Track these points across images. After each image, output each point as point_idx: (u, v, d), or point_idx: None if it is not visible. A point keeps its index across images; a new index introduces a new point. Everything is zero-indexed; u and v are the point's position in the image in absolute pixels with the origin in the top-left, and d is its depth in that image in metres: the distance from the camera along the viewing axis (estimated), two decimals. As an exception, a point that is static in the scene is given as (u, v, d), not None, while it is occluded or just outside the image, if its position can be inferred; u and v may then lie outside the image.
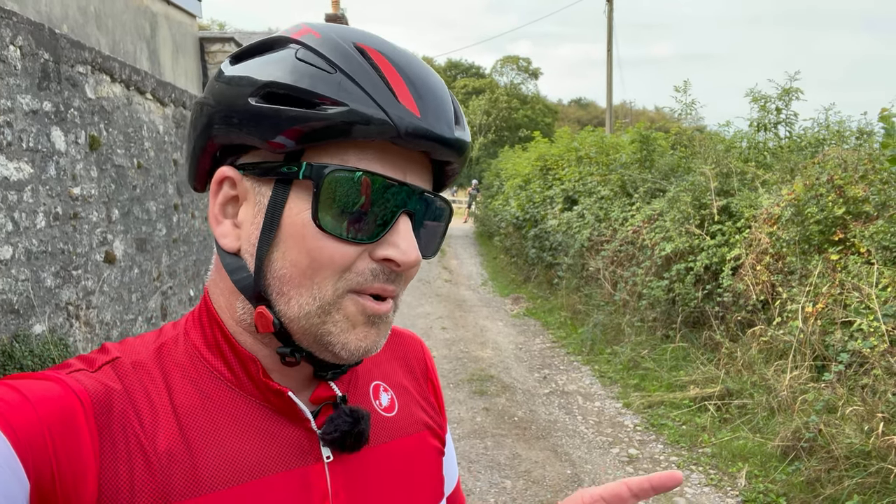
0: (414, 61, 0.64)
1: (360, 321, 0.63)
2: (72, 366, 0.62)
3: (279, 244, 0.62)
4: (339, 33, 0.63)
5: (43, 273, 3.98)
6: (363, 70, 0.60)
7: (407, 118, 0.59)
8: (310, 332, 0.63)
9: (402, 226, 0.63)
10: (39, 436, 0.53)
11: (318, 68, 0.60)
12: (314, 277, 0.61)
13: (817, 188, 5.09)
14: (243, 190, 0.65)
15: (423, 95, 0.62)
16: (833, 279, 4.65)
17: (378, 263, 0.63)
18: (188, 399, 0.64)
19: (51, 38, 4.16)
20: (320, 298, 0.62)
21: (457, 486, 0.94)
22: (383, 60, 0.62)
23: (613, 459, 4.52)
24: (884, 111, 3.40)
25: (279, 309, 0.63)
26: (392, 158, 0.62)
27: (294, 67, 0.61)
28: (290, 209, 0.62)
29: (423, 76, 0.63)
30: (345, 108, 0.59)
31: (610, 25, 19.52)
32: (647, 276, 6.83)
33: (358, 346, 0.64)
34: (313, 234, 0.61)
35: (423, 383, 0.87)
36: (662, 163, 8.61)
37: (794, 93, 7.33)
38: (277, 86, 0.60)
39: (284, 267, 0.62)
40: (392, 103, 0.59)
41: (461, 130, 0.65)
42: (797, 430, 4.12)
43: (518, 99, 45.22)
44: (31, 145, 3.92)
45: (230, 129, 0.63)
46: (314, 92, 0.59)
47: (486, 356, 7.00)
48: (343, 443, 0.67)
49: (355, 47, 0.62)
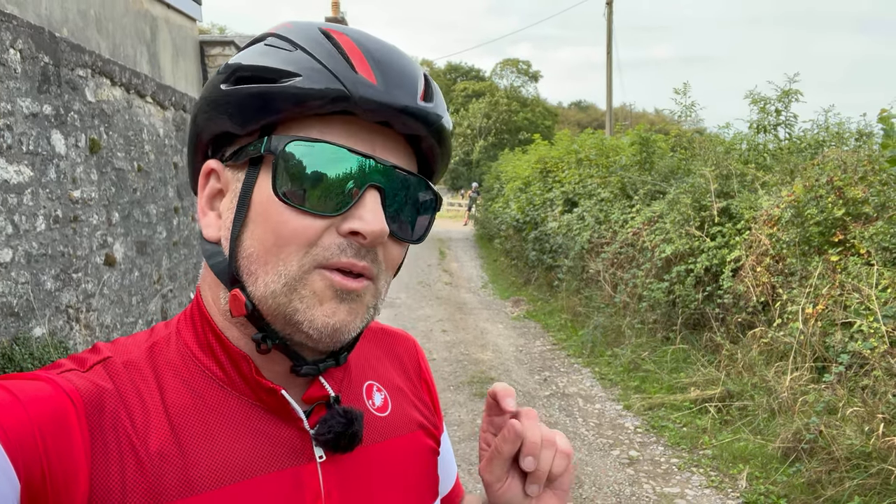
0: (381, 42, 0.65)
1: (327, 296, 0.62)
2: (63, 366, 0.62)
3: (248, 224, 0.63)
4: (310, 23, 0.65)
5: (43, 276, 3.98)
6: (322, 47, 0.62)
7: (362, 86, 0.60)
8: (279, 311, 0.62)
9: (368, 199, 0.62)
10: (30, 436, 0.52)
11: (281, 48, 0.63)
12: (279, 254, 0.61)
13: (817, 189, 5.10)
14: (225, 181, 0.66)
15: (384, 67, 0.62)
16: (833, 280, 4.64)
17: (345, 238, 0.61)
18: (180, 398, 0.64)
19: (51, 41, 4.17)
20: (286, 275, 0.61)
21: (455, 484, 0.94)
22: (346, 39, 0.63)
23: (614, 461, 4.52)
24: (883, 112, 3.40)
25: (250, 290, 0.63)
26: (358, 132, 0.62)
27: (260, 51, 0.63)
28: (258, 188, 0.62)
29: (387, 52, 0.64)
30: (300, 79, 0.60)
31: (609, 28, 19.55)
32: (648, 278, 6.83)
33: (325, 323, 0.62)
34: (277, 208, 0.61)
35: (416, 382, 0.87)
36: (662, 165, 8.61)
37: (793, 94, 7.34)
38: (244, 68, 0.63)
39: (252, 246, 0.62)
40: (348, 73, 0.60)
41: (430, 105, 0.64)
42: (798, 431, 4.11)
43: (518, 102, 45.25)
44: (32, 148, 3.92)
45: (209, 118, 0.65)
46: (273, 67, 0.61)
47: (487, 358, 7.00)
48: (337, 444, 0.67)
49: (321, 31, 0.64)
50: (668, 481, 4.23)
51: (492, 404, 0.74)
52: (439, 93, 0.67)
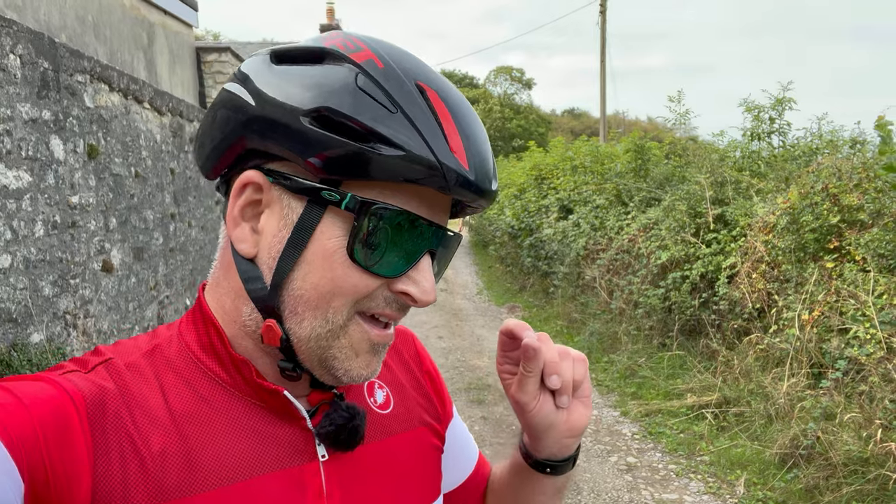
0: (465, 107, 0.65)
1: (363, 349, 0.65)
2: (65, 367, 0.62)
3: (302, 264, 0.62)
4: (402, 66, 0.62)
5: (41, 282, 3.97)
6: (422, 113, 0.60)
7: (456, 170, 0.60)
8: (316, 353, 0.64)
9: (424, 263, 0.64)
10: (33, 437, 0.53)
11: (380, 104, 0.59)
12: (332, 302, 0.62)
13: (812, 196, 5.13)
14: (269, 198, 0.63)
15: (472, 147, 0.62)
16: (829, 287, 4.68)
17: (394, 294, 0.64)
18: (182, 399, 0.64)
19: (50, 46, 4.16)
20: (333, 322, 0.63)
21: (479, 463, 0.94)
22: (440, 104, 0.62)
23: (612, 468, 4.52)
24: (880, 119, 3.43)
25: (289, 327, 0.63)
26: (427, 198, 0.63)
27: (355, 96, 0.59)
28: (321, 232, 0.61)
29: (473, 126, 0.64)
30: (401, 153, 0.58)
31: (603, 36, 19.67)
32: (644, 285, 6.85)
33: (360, 374, 0.65)
34: (342, 262, 0.61)
35: (419, 376, 0.87)
36: (657, 172, 8.66)
37: (786, 102, 7.40)
38: (334, 112, 0.58)
39: (304, 288, 0.62)
40: (445, 153, 0.60)
41: (496, 182, 0.66)
42: (795, 437, 4.13)
43: (512, 109, 45.42)
44: (31, 154, 3.91)
45: (269, 138, 0.61)
46: (373, 129, 0.58)
47: (483, 365, 7.00)
48: (337, 437, 0.67)
49: (416, 86, 0.61)
50: (666, 488, 4.24)
51: (505, 342, 0.76)
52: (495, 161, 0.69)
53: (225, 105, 0.65)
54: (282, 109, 0.60)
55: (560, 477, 0.80)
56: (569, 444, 0.77)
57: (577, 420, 0.75)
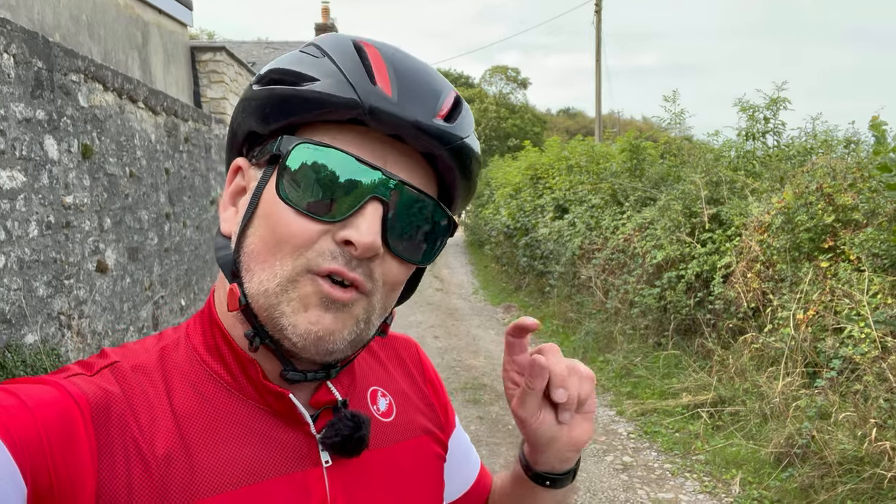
0: (411, 59, 0.66)
1: (312, 302, 0.61)
2: (70, 370, 0.62)
3: (254, 221, 0.64)
4: (349, 35, 0.66)
5: (35, 282, 3.95)
6: (348, 56, 0.63)
7: (375, 97, 0.60)
8: (268, 312, 0.62)
9: (368, 210, 0.61)
10: (37, 440, 0.52)
11: (310, 55, 0.65)
12: (277, 253, 0.61)
13: (807, 196, 5.15)
14: (248, 179, 0.68)
15: (404, 81, 0.62)
16: (824, 286, 4.69)
17: (339, 245, 0.61)
18: (187, 402, 0.64)
19: (44, 46, 4.14)
20: (280, 275, 0.61)
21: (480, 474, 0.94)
22: (374, 52, 0.63)
23: (608, 467, 4.53)
24: (875, 119, 3.44)
25: (246, 287, 0.63)
26: (371, 144, 0.62)
27: (293, 57, 0.66)
28: (269, 187, 0.63)
29: (413, 69, 0.64)
30: (318, 83, 0.61)
31: (598, 36, 19.69)
32: (639, 284, 6.87)
33: (308, 330, 0.61)
34: (279, 208, 0.61)
35: (422, 385, 0.87)
36: (652, 172, 8.67)
37: (781, 102, 7.42)
38: (275, 71, 0.65)
39: (254, 243, 0.63)
40: (365, 84, 0.61)
41: (448, 125, 0.63)
42: (790, 436, 4.14)
43: (507, 108, 45.40)
44: (24, 154, 3.89)
45: (242, 117, 0.67)
46: (296, 71, 0.63)
47: (479, 365, 7.00)
48: (343, 447, 0.67)
49: (353, 43, 0.65)
50: (661, 487, 4.25)
51: (512, 343, 0.75)
52: (468, 116, 0.67)
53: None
54: (248, 86, 0.68)
55: (560, 490, 0.80)
56: (569, 458, 0.77)
57: (579, 435, 0.74)
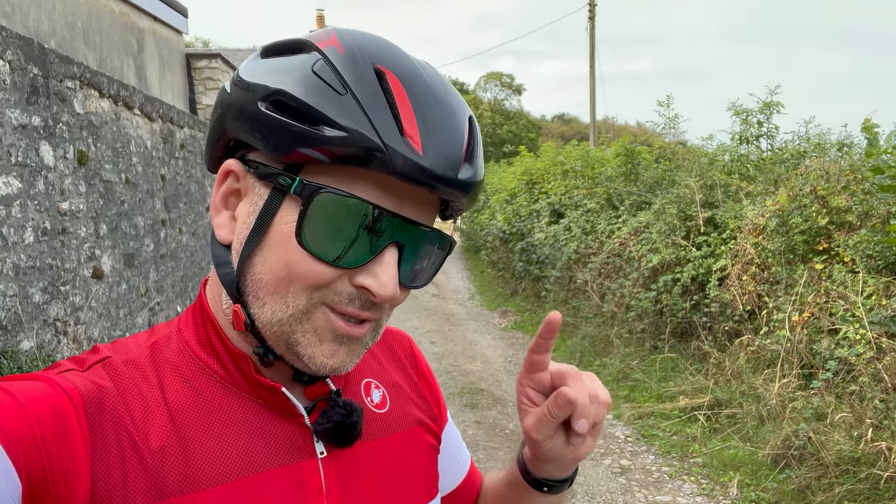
0: (435, 91, 0.62)
1: (327, 337, 0.63)
2: (62, 366, 0.62)
3: (263, 249, 0.62)
4: (363, 50, 0.62)
5: (31, 288, 3.94)
6: (374, 96, 0.59)
7: (405, 155, 0.57)
8: (281, 338, 0.63)
9: (387, 257, 0.61)
10: (30, 436, 0.52)
11: (330, 86, 0.59)
12: (289, 287, 0.61)
13: (801, 199, 5.18)
14: (245, 186, 0.65)
15: (432, 131, 0.60)
16: (818, 288, 4.71)
17: (356, 289, 0.62)
18: (181, 396, 0.64)
19: (40, 52, 4.15)
20: (293, 307, 0.62)
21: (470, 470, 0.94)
22: (399, 87, 0.60)
23: (606, 470, 4.53)
24: (867, 121, 3.47)
25: (254, 311, 0.63)
26: (389, 186, 0.60)
27: (307, 80, 0.60)
28: (279, 217, 0.61)
29: (440, 109, 0.61)
30: (344, 135, 0.57)
31: (592, 42, 19.79)
32: (635, 288, 6.88)
33: (324, 363, 0.63)
34: (295, 248, 0.60)
35: (415, 378, 0.87)
36: (647, 176, 8.70)
37: (774, 106, 7.46)
38: (287, 96, 0.59)
39: (263, 272, 0.62)
40: (394, 137, 0.58)
41: (469, 170, 0.62)
42: (787, 438, 4.15)
43: (502, 115, 45.53)
44: (20, 160, 3.89)
45: (239, 126, 0.63)
46: (319, 111, 0.58)
47: (476, 369, 7.00)
48: (335, 434, 0.67)
49: (374, 69, 0.60)
50: (659, 489, 4.25)
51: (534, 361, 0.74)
52: (479, 143, 0.65)
53: (217, 100, 0.68)
54: (246, 95, 0.62)
55: (555, 496, 0.80)
56: (569, 468, 0.78)
57: (583, 451, 0.74)
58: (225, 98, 0.66)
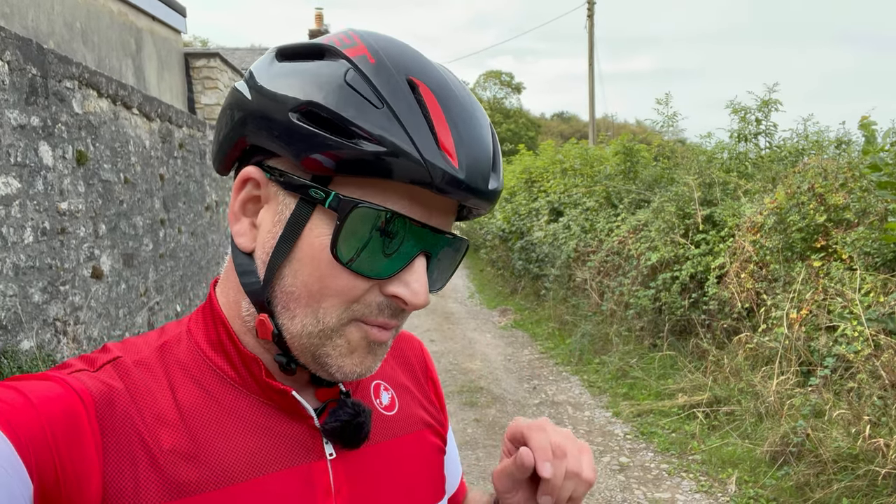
0: (463, 103, 0.63)
1: (360, 346, 0.64)
2: (73, 366, 0.62)
3: (293, 261, 0.62)
4: (395, 61, 0.61)
5: (30, 288, 3.95)
6: (410, 108, 0.59)
7: (443, 168, 0.58)
8: (308, 350, 0.64)
9: (417, 266, 0.62)
10: (42, 436, 0.52)
11: (366, 98, 0.58)
12: (322, 302, 0.61)
13: (799, 196, 5.19)
14: (267, 193, 0.64)
15: (465, 143, 0.60)
16: (816, 285, 4.72)
17: (386, 298, 0.63)
18: (191, 396, 0.64)
19: (38, 53, 4.15)
20: (324, 323, 0.62)
21: (461, 483, 0.95)
22: (432, 99, 0.60)
23: (605, 468, 4.54)
24: (864, 119, 3.48)
25: (282, 322, 0.63)
26: (420, 199, 0.61)
27: (341, 92, 0.59)
28: (310, 230, 0.61)
29: (469, 122, 0.62)
30: (382, 150, 0.57)
31: (591, 40, 19.78)
32: (634, 286, 6.89)
33: (353, 371, 0.64)
34: (328, 261, 0.60)
35: (423, 382, 0.88)
36: (646, 174, 8.72)
37: (772, 104, 7.48)
38: (320, 108, 0.58)
39: (294, 285, 0.62)
40: (431, 150, 0.58)
41: (496, 180, 0.63)
42: (785, 435, 4.16)
43: (501, 113, 45.49)
44: (19, 160, 3.90)
45: (264, 135, 0.62)
46: (356, 124, 0.57)
47: (476, 368, 7.01)
48: (343, 433, 0.68)
49: (407, 81, 0.60)
50: (658, 487, 4.26)
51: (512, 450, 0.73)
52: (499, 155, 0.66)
53: (230, 102, 0.66)
54: (273, 104, 0.61)
55: None
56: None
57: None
58: (244, 104, 0.64)
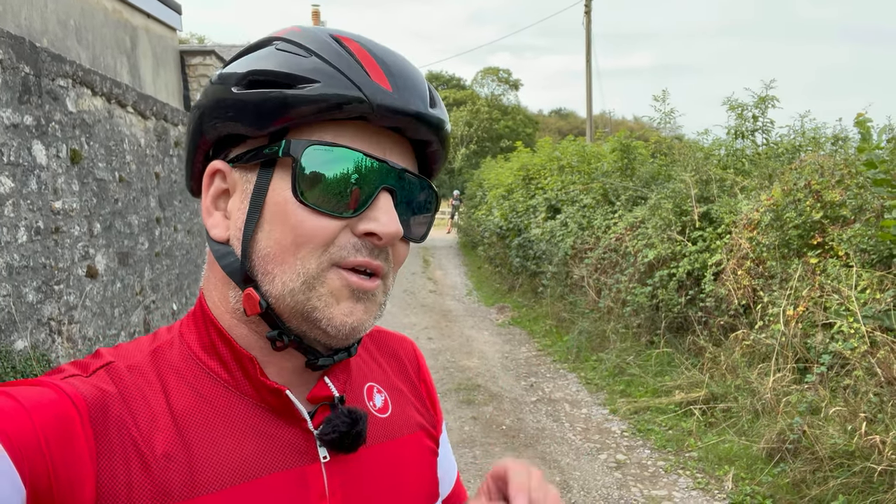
0: (388, 49, 0.67)
1: (344, 295, 0.64)
2: (66, 371, 0.62)
3: (263, 225, 0.64)
4: (318, 29, 0.67)
5: (25, 288, 3.93)
6: (337, 54, 0.63)
7: (380, 94, 0.62)
8: (296, 309, 0.63)
9: (382, 201, 0.64)
10: (35, 442, 0.52)
11: (295, 54, 0.64)
12: (297, 253, 0.62)
13: (795, 193, 5.18)
14: (233, 182, 0.67)
15: (396, 74, 0.64)
16: (813, 282, 4.72)
17: (360, 238, 0.64)
18: (184, 401, 0.64)
19: (31, 51, 4.13)
20: (304, 273, 0.62)
21: (456, 484, 0.94)
22: (357, 46, 0.65)
23: (602, 465, 4.54)
24: (860, 116, 3.47)
25: (265, 289, 0.64)
26: (370, 137, 0.64)
27: (273, 56, 0.64)
28: (273, 190, 0.63)
29: (396, 59, 0.66)
30: (319, 85, 0.61)
31: (588, 37, 19.75)
32: (631, 283, 6.89)
33: (343, 322, 0.64)
34: (295, 209, 0.62)
35: (416, 383, 0.87)
36: (643, 171, 8.71)
37: (769, 101, 7.46)
38: (258, 73, 0.63)
39: (269, 246, 0.63)
40: (365, 81, 0.62)
41: (437, 109, 0.67)
42: (782, 431, 4.16)
43: (499, 110, 45.43)
44: (13, 159, 3.88)
45: (218, 121, 0.66)
46: (291, 73, 0.62)
47: (473, 365, 7.01)
48: (341, 443, 0.67)
49: (331, 37, 0.65)
50: (655, 484, 4.26)
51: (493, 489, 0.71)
52: (440, 98, 0.70)
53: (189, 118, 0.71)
54: (218, 89, 0.66)
55: None
56: None
57: None
58: (198, 105, 0.68)
